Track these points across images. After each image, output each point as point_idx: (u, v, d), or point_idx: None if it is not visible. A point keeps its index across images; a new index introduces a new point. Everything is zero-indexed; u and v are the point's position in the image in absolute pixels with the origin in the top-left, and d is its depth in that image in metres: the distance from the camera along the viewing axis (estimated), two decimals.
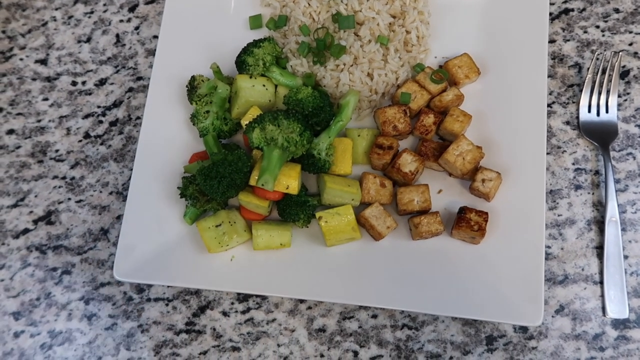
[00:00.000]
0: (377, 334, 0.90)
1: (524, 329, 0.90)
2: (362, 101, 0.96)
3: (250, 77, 0.92)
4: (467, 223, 0.87)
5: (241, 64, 0.93)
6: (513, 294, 0.86)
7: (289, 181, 0.85)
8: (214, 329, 0.92)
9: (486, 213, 0.88)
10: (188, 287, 0.91)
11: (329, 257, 0.90)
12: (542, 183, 0.90)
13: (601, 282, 0.91)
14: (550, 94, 1.01)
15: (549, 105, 1.00)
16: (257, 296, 0.93)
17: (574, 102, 1.01)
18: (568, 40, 1.04)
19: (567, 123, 1.00)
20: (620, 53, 1.00)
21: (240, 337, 0.91)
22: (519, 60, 0.97)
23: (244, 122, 0.89)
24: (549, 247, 0.93)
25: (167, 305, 0.93)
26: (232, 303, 0.93)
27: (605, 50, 1.03)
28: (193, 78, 0.94)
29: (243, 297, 0.93)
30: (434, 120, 0.93)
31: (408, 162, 0.90)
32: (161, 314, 0.93)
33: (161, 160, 0.94)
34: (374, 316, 0.91)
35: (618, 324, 0.90)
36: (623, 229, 0.93)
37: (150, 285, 0.94)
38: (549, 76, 1.02)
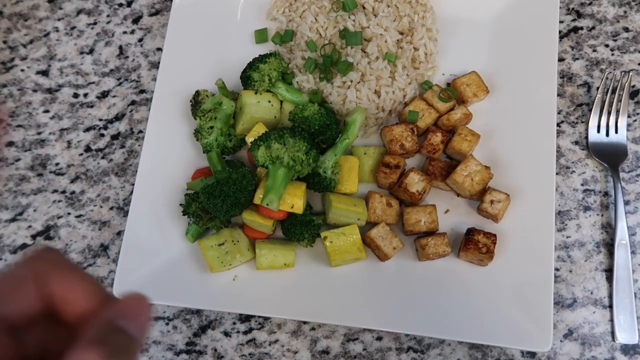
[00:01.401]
0: (381, 357, 0.89)
1: (531, 354, 0.88)
2: (368, 119, 0.94)
3: (256, 93, 0.91)
4: (475, 245, 0.85)
5: (246, 79, 0.92)
6: (521, 318, 0.85)
7: (294, 200, 0.84)
8: (215, 350, 0.90)
9: (495, 235, 0.86)
10: (189, 307, 0.89)
11: (333, 277, 0.88)
12: (552, 204, 0.89)
13: (610, 306, 0.89)
14: (559, 113, 1.00)
15: (558, 125, 0.99)
16: (259, 316, 0.91)
17: (582, 122, 0.99)
18: (577, 59, 1.03)
19: (576, 143, 0.98)
20: (631, 72, 0.99)
21: (242, 358, 0.89)
22: (528, 78, 0.96)
23: (249, 138, 0.87)
24: (557, 269, 0.92)
25: (167, 324, 0.91)
26: (234, 323, 0.91)
27: (615, 69, 1.02)
28: (197, 93, 0.93)
29: (245, 317, 0.91)
30: (442, 139, 0.92)
31: (415, 182, 0.88)
32: (161, 333, 0.91)
33: (163, 176, 0.92)
34: (379, 338, 0.90)
35: (628, 349, 0.88)
36: (633, 252, 0.92)
37: (150, 304, 0.92)
38: (557, 95, 1.01)
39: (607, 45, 1.04)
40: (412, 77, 0.96)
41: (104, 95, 1.04)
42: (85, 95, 1.04)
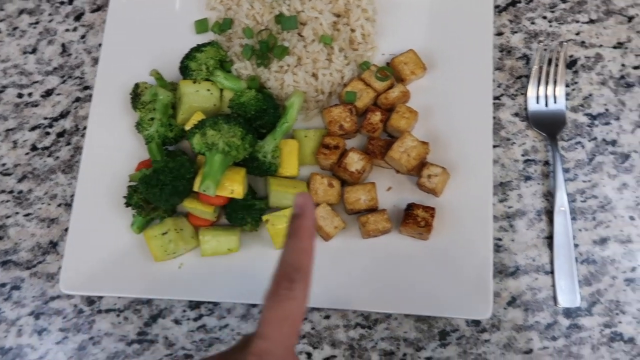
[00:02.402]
0: (330, 335, 0.90)
1: (476, 323, 0.90)
2: (308, 102, 0.95)
3: (194, 82, 0.92)
4: (414, 219, 0.87)
5: (184, 69, 0.93)
6: (463, 288, 0.86)
7: (234, 185, 0.85)
8: (167, 338, 0.91)
9: (433, 208, 0.88)
10: (137, 297, 0.91)
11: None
12: (490, 176, 0.90)
13: (552, 272, 0.91)
14: (498, 86, 1.01)
15: (497, 98, 1.00)
16: (209, 302, 0.92)
17: (522, 94, 1.01)
18: (516, 32, 1.04)
19: (516, 115, 1.00)
20: (566, 43, 1.00)
21: (193, 345, 0.91)
22: (464, 54, 0.97)
23: (188, 128, 0.88)
24: (499, 239, 0.93)
25: (118, 316, 0.92)
26: (184, 311, 0.92)
27: (552, 40, 1.03)
28: (137, 85, 0.94)
29: (195, 304, 0.92)
30: (381, 118, 0.93)
31: (355, 161, 0.89)
32: (112, 325, 0.92)
33: (107, 170, 0.93)
34: (327, 317, 0.91)
35: (570, 312, 0.90)
36: (573, 218, 0.94)
37: (101, 297, 0.93)
38: (497, 69, 1.02)
39: (545, 17, 1.05)
40: (350, 58, 0.97)
41: (48, 93, 1.04)
42: (30, 94, 1.04)
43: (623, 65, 1.01)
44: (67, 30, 1.08)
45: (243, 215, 0.87)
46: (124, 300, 0.93)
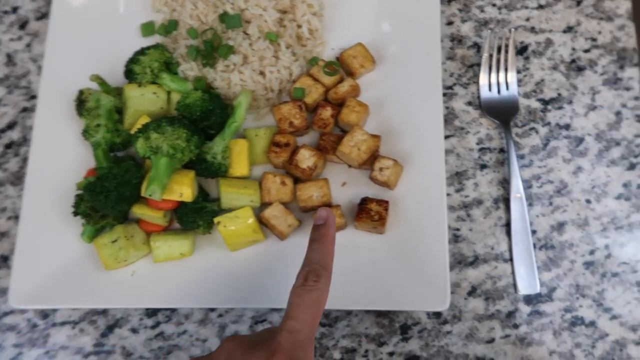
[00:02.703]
0: None
1: (437, 315, 0.89)
2: (258, 100, 0.94)
3: (139, 86, 0.90)
4: (368, 213, 0.86)
5: (129, 73, 0.91)
6: (421, 280, 0.85)
7: (182, 188, 0.83)
8: (124, 347, 0.89)
9: (386, 202, 0.87)
10: (92, 307, 0.89)
11: (234, 262, 0.88)
12: (442, 166, 0.89)
13: (511, 260, 0.91)
14: (451, 75, 1.01)
15: (450, 87, 1.00)
16: (166, 309, 0.90)
17: (475, 83, 1.00)
18: (466, 20, 1.04)
19: (470, 104, 0.99)
20: (514, 29, 1.00)
21: (152, 353, 0.89)
22: (413, 45, 0.96)
23: (133, 132, 0.86)
24: (457, 229, 0.93)
25: (73, 328, 0.90)
26: (141, 319, 0.90)
27: (503, 27, 1.03)
28: (81, 92, 0.92)
29: (152, 312, 0.90)
30: (332, 113, 0.92)
31: (306, 158, 0.88)
32: (68, 337, 0.90)
33: (55, 180, 0.91)
34: None
35: (530, 299, 0.89)
36: (530, 204, 0.93)
37: (55, 310, 0.91)
38: (448, 58, 1.02)
39: (494, 5, 1.05)
40: (299, 54, 0.96)
41: None
42: None
43: (573, 49, 1.01)
44: (11, 39, 1.05)
45: (194, 218, 0.85)
46: (79, 312, 0.91)
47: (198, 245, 0.89)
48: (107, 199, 0.80)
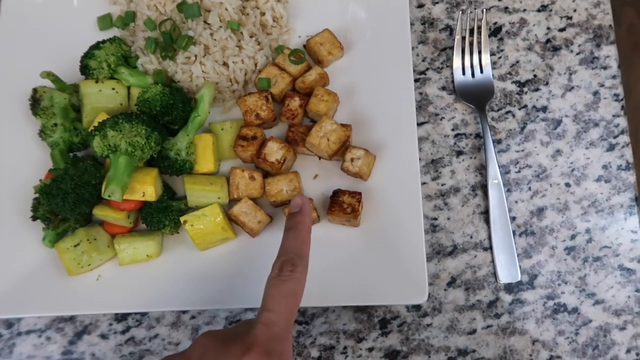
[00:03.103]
0: None
1: (417, 307, 0.87)
2: (223, 92, 0.90)
3: (96, 82, 0.86)
4: (340, 206, 0.83)
5: (84, 69, 0.87)
6: (398, 273, 0.82)
7: (145, 187, 0.79)
8: (94, 355, 0.86)
9: (359, 193, 0.84)
10: (58, 314, 0.85)
11: (204, 262, 0.85)
12: (415, 154, 0.86)
13: (491, 248, 0.88)
14: (423, 60, 0.97)
15: (423, 73, 0.97)
16: (136, 313, 0.87)
17: (448, 67, 0.97)
18: (437, 2, 1.00)
19: (443, 89, 0.96)
20: (487, 10, 0.97)
21: (123, 359, 0.85)
22: (382, 30, 0.93)
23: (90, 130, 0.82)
24: (435, 219, 0.90)
25: (40, 336, 0.86)
26: (110, 324, 0.87)
27: (475, 9, 1.00)
28: (35, 90, 0.87)
29: (122, 317, 0.87)
30: (300, 104, 0.88)
31: (274, 151, 0.85)
32: (34, 346, 0.86)
33: (13, 183, 0.87)
34: None
35: (511, 287, 0.87)
36: (508, 190, 0.91)
37: (20, 318, 0.87)
38: (420, 42, 0.98)
39: None
40: (264, 43, 0.92)
41: None
42: None
43: (548, 28, 0.98)
44: None
45: (160, 218, 0.82)
46: (45, 320, 0.87)
47: (166, 246, 0.86)
48: (65, 202, 0.77)
